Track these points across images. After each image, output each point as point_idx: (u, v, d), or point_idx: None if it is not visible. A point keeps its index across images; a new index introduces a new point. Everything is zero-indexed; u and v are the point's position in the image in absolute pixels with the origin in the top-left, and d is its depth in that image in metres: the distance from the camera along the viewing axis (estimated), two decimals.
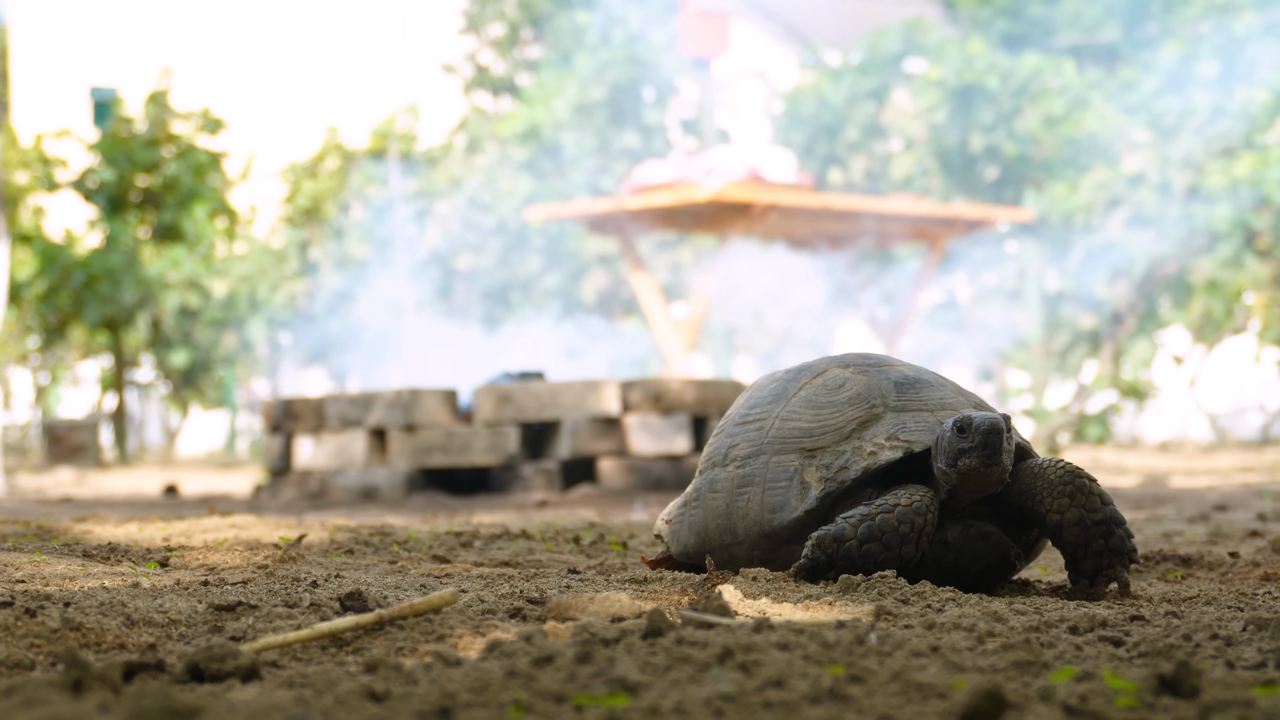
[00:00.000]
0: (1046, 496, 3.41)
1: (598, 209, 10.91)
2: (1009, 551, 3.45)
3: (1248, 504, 7.42)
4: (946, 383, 3.66)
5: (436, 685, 2.02)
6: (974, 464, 3.32)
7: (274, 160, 22.86)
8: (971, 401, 3.61)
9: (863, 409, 3.52)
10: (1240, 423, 21.31)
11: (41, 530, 4.92)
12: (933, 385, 3.61)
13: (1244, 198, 15.09)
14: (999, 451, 3.31)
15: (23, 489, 11.45)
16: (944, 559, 3.41)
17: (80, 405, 24.27)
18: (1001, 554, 3.45)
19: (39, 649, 2.47)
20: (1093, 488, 3.40)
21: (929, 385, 3.60)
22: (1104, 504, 3.40)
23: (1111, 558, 3.40)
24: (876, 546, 3.30)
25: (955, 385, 3.67)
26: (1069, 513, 3.39)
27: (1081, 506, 3.38)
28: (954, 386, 3.65)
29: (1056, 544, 3.43)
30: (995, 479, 3.37)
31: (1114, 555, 3.40)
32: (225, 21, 29.59)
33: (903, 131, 17.67)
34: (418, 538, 4.86)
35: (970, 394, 3.68)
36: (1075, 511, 3.38)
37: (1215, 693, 1.95)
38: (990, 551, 3.43)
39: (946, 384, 3.65)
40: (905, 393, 3.56)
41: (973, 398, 3.65)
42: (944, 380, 3.67)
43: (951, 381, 3.69)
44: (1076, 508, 3.39)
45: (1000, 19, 21.49)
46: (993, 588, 3.53)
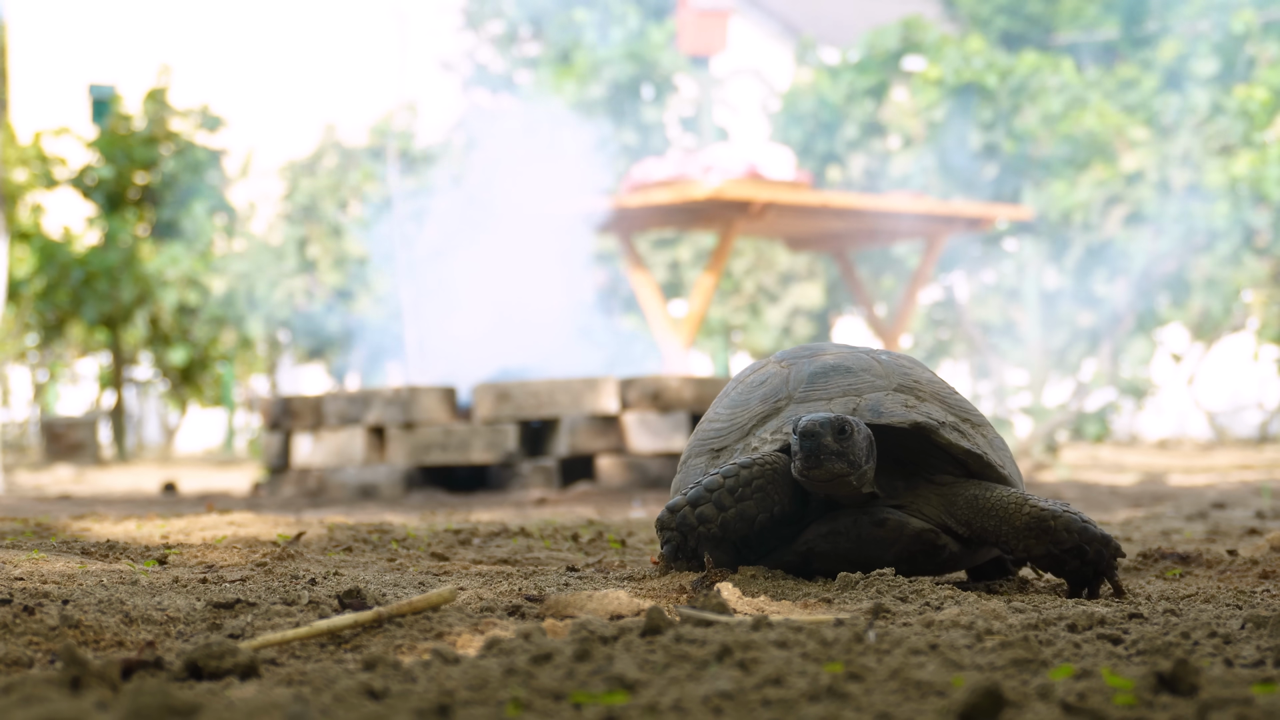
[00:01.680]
0: (1011, 538, 3.36)
1: (596, 207, 10.90)
2: (933, 539, 3.36)
3: (1246, 502, 7.42)
4: (881, 367, 3.51)
5: (435, 683, 2.02)
6: (799, 466, 3.25)
7: (272, 157, 22.85)
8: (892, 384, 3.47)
9: (769, 404, 3.50)
10: (1239, 420, 21.32)
11: (40, 528, 4.92)
12: (852, 372, 3.49)
13: (1243, 196, 15.09)
14: (816, 456, 3.20)
15: (21, 486, 11.44)
16: (839, 546, 3.34)
17: (79, 403, 24.26)
18: (925, 543, 3.36)
19: (37, 646, 2.47)
20: (1057, 525, 3.31)
21: (845, 373, 3.48)
22: (1071, 532, 3.31)
23: (1089, 572, 3.35)
24: (710, 509, 3.30)
25: (897, 370, 3.53)
26: (1036, 549, 3.34)
27: (1048, 543, 3.33)
28: (887, 371, 3.50)
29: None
30: (844, 485, 3.27)
31: (1092, 569, 3.34)
32: (224, 19, 29.59)
33: (901, 129, 17.66)
34: (416, 535, 4.86)
35: (917, 381, 3.52)
36: (1042, 548, 3.33)
37: (1214, 690, 1.95)
38: (893, 539, 3.33)
39: (879, 368, 3.50)
40: (815, 383, 3.48)
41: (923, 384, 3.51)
42: (882, 365, 3.52)
43: (903, 366, 3.54)
44: (1042, 545, 3.33)
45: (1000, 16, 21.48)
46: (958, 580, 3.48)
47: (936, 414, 3.43)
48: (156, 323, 19.03)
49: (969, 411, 3.53)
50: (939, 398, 3.50)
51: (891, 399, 3.43)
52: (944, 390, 3.54)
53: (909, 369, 3.55)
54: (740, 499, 3.32)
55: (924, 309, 18.73)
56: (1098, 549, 3.33)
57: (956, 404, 3.52)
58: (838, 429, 3.21)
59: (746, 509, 3.31)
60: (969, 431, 3.46)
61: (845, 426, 3.22)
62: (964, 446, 3.40)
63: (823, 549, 3.36)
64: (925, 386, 3.51)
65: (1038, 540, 3.32)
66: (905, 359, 3.61)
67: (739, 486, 3.32)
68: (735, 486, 3.33)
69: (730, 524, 3.32)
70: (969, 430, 3.47)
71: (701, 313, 10.88)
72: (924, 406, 3.45)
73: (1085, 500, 8.02)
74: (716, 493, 3.34)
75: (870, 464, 3.30)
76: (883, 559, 3.35)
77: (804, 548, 3.38)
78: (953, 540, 3.39)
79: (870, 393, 3.44)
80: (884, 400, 3.43)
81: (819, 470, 3.22)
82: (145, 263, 18.50)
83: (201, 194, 19.16)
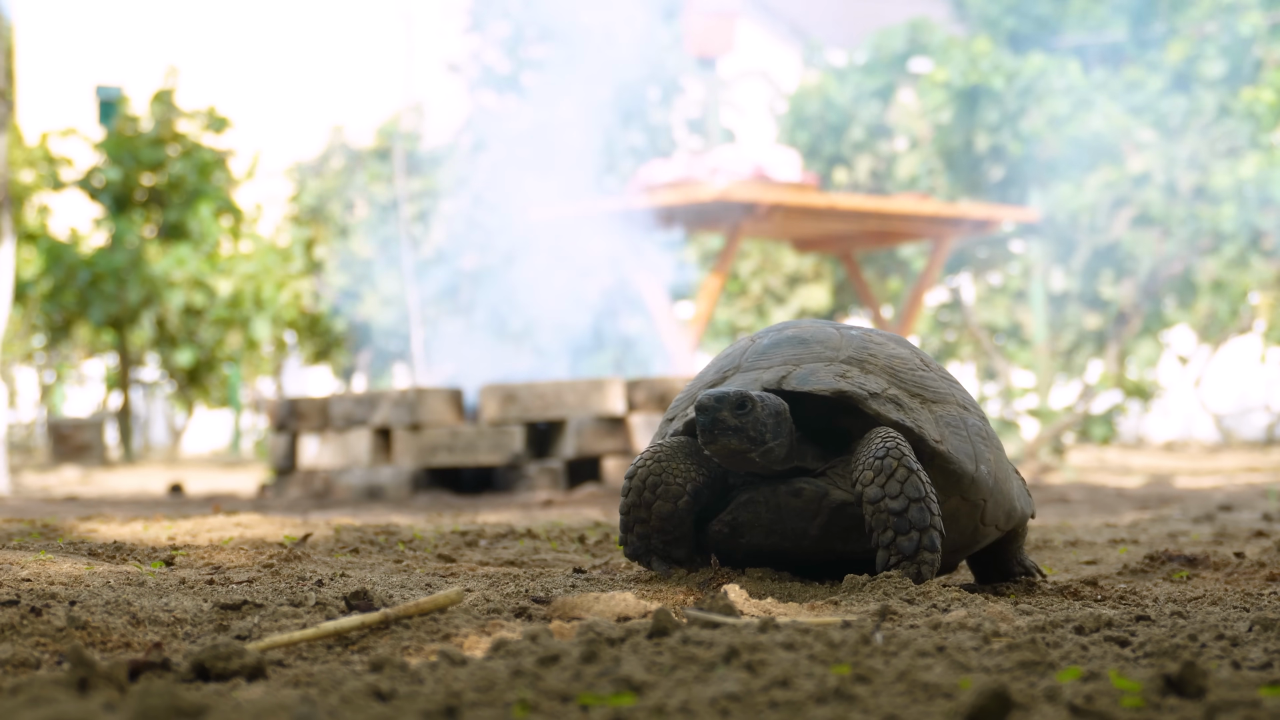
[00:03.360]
0: (860, 463, 3.21)
1: (603, 208, 10.91)
2: (859, 513, 3.23)
3: (1253, 504, 7.41)
4: (840, 339, 3.40)
5: (442, 684, 2.02)
6: (700, 441, 3.21)
7: (279, 159, 22.87)
8: (841, 356, 3.35)
9: (719, 375, 3.46)
10: (1245, 423, 21.30)
11: (47, 529, 4.92)
12: (805, 343, 3.40)
13: (1250, 198, 15.07)
14: (711, 431, 3.14)
15: (28, 488, 11.45)
16: (760, 517, 3.28)
17: (85, 404, 24.29)
18: (850, 516, 3.24)
19: (45, 648, 2.47)
20: (900, 473, 3.15)
21: (798, 344, 3.40)
22: (907, 495, 3.14)
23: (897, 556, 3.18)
24: (640, 529, 3.32)
25: (855, 343, 3.40)
26: (870, 488, 3.18)
27: (883, 486, 3.16)
28: (842, 344, 3.39)
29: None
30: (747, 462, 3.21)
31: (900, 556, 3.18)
32: (230, 20, 29.60)
33: (908, 131, 17.66)
34: (423, 537, 4.86)
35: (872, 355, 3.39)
36: (875, 490, 3.17)
37: (1221, 693, 1.94)
38: (813, 511, 3.25)
39: (836, 340, 3.40)
40: (765, 354, 3.41)
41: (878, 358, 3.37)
42: (841, 337, 3.41)
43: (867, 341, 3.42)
44: (877, 486, 3.16)
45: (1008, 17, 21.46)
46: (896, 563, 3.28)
47: (872, 385, 3.30)
48: (163, 324, 19.04)
49: (930, 389, 3.38)
50: (891, 371, 3.37)
51: (829, 369, 3.33)
52: (907, 366, 3.40)
53: (870, 344, 3.43)
54: (648, 504, 3.32)
55: (930, 311, 18.73)
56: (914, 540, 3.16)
57: (915, 380, 3.38)
58: (736, 403, 3.15)
59: (660, 509, 3.31)
60: (910, 405, 3.32)
61: (745, 401, 3.16)
62: (892, 418, 3.26)
63: (744, 519, 3.29)
64: (879, 360, 3.38)
65: (875, 475, 3.18)
66: (882, 336, 3.49)
67: (640, 494, 3.33)
68: (637, 498, 3.33)
69: (663, 527, 3.32)
70: (912, 405, 3.32)
71: (708, 314, 10.88)
72: (862, 378, 3.32)
73: (1092, 502, 8.01)
74: (631, 512, 3.35)
75: (779, 440, 3.21)
76: (807, 531, 3.27)
77: (729, 517, 3.32)
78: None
79: (811, 363, 3.35)
80: (818, 370, 3.32)
81: (715, 445, 3.17)
82: (152, 264, 18.52)
83: (208, 195, 19.17)
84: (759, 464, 3.23)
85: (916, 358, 3.47)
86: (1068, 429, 12.82)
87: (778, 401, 3.24)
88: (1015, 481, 3.53)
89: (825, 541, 3.29)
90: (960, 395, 3.47)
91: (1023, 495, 3.57)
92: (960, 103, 16.72)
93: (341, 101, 26.50)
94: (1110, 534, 5.44)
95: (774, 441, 3.20)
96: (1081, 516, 6.79)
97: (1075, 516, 6.81)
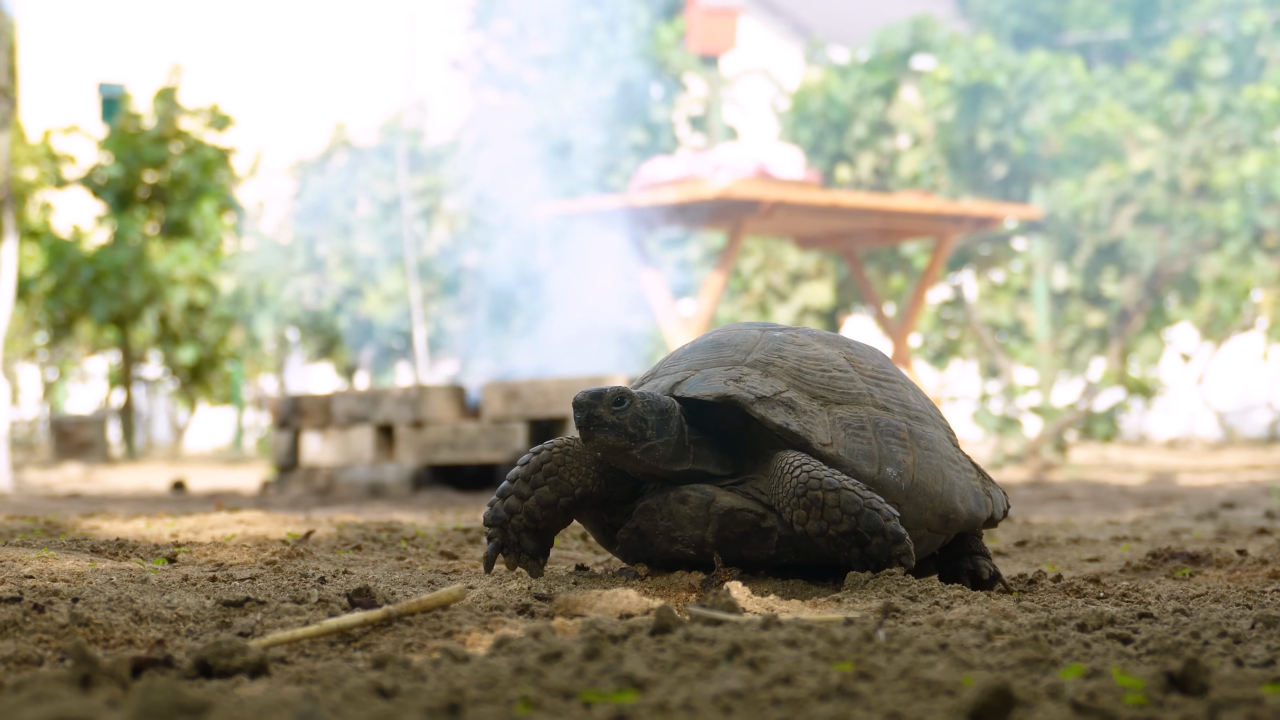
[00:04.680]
0: (786, 505, 3.18)
1: (605, 206, 10.91)
2: (752, 519, 3.22)
3: (1256, 502, 7.41)
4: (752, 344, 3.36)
5: (445, 681, 2.02)
6: (580, 435, 3.21)
7: (282, 156, 22.87)
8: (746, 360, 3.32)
9: (641, 380, 3.47)
10: (1248, 420, 21.30)
11: (49, 526, 4.92)
12: (720, 347, 3.37)
13: (1252, 195, 15.07)
14: (588, 428, 3.15)
15: (30, 485, 11.46)
16: (658, 524, 3.27)
17: (88, 401, 24.30)
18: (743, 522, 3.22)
19: (47, 645, 2.47)
20: (829, 499, 3.11)
21: (713, 348, 3.38)
22: (848, 514, 3.10)
23: (872, 566, 3.14)
24: (514, 499, 3.33)
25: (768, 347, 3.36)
26: (809, 525, 3.14)
27: (819, 519, 3.12)
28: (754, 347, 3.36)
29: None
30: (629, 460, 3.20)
31: (873, 564, 3.14)
32: (233, 18, 29.60)
33: (910, 129, 17.65)
34: (425, 534, 4.86)
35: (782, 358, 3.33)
36: (815, 524, 3.13)
37: (1224, 690, 1.94)
38: (703, 517, 3.23)
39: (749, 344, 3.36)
40: (681, 359, 3.42)
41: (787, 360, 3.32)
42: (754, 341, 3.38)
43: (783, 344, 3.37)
44: (815, 520, 3.13)
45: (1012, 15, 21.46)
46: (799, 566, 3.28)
47: (764, 389, 3.26)
48: (166, 321, 19.05)
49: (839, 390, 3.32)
50: (796, 373, 3.32)
51: (726, 373, 3.30)
52: (821, 367, 3.34)
53: (787, 345, 3.39)
54: (535, 485, 3.32)
55: (933, 308, 18.72)
56: (880, 545, 3.12)
57: (822, 381, 3.32)
58: (614, 399, 3.15)
59: (543, 494, 3.31)
60: (805, 409, 3.26)
61: (623, 397, 3.16)
62: (775, 422, 3.22)
63: (645, 526, 3.29)
64: (788, 363, 3.34)
65: (808, 513, 3.13)
66: (810, 336, 3.43)
67: (532, 473, 3.33)
68: (529, 474, 3.34)
69: (534, 512, 3.33)
70: (809, 408, 3.26)
71: (711, 312, 10.87)
72: (758, 381, 3.28)
73: (1095, 500, 8.01)
74: (516, 482, 3.35)
75: (663, 439, 3.20)
76: (704, 538, 3.25)
77: (633, 525, 3.32)
78: (783, 523, 3.24)
79: (714, 367, 3.33)
80: (714, 375, 3.30)
81: (593, 441, 3.17)
82: (154, 261, 18.53)
83: (211, 193, 19.18)
84: (643, 462, 3.22)
85: (842, 357, 3.40)
86: (1070, 426, 12.82)
87: (666, 400, 3.23)
88: (961, 482, 3.42)
89: (728, 549, 3.26)
90: (886, 396, 3.38)
91: (976, 496, 3.45)
92: (963, 100, 16.71)
93: (344, 98, 26.50)
94: (1113, 531, 5.44)
95: (657, 439, 3.20)
96: (1084, 514, 6.79)
97: (1078, 514, 6.81)
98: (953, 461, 3.42)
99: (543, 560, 3.42)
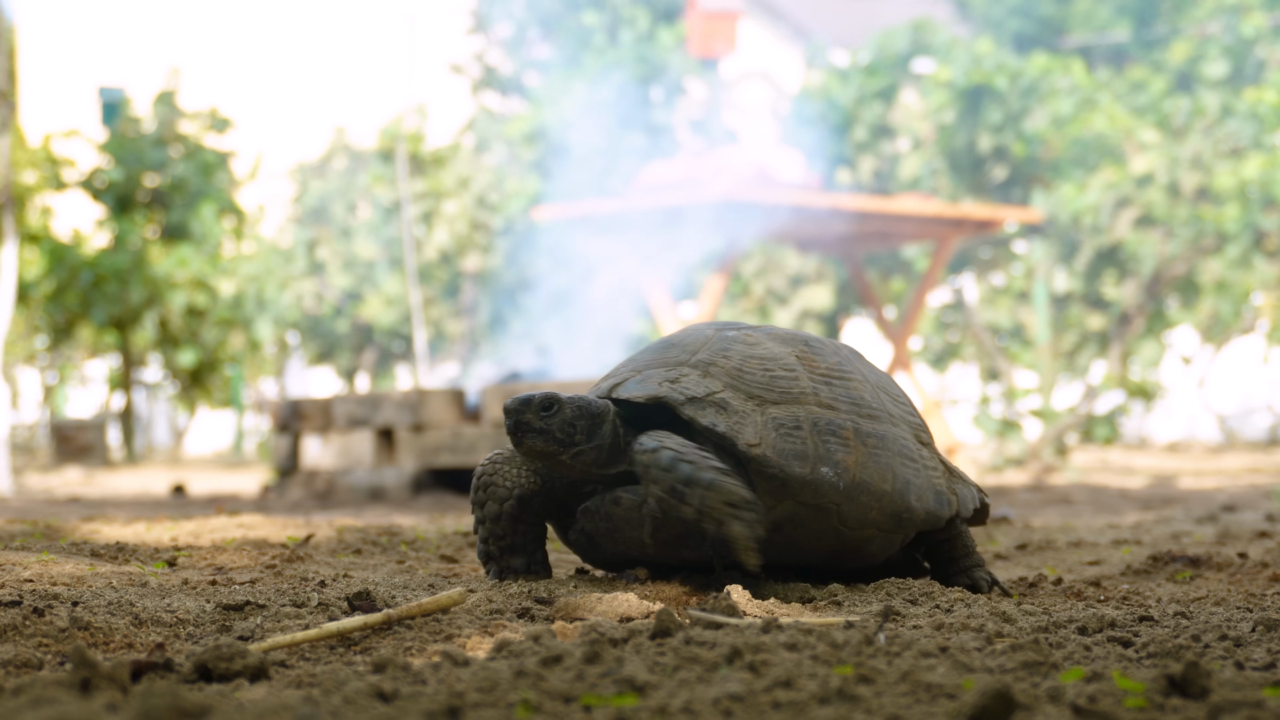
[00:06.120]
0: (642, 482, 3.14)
1: (606, 209, 10.91)
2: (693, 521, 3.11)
3: (1256, 505, 7.41)
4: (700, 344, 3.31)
5: (445, 685, 2.02)
6: (511, 441, 3.20)
7: (282, 160, 22.89)
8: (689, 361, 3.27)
9: (606, 374, 3.46)
10: (1248, 423, 21.30)
11: (49, 530, 4.92)
12: (671, 347, 3.34)
13: (1253, 198, 15.07)
14: (517, 433, 3.14)
15: (30, 488, 11.46)
16: (598, 526, 3.26)
17: (88, 405, 24.30)
18: (679, 522, 3.13)
19: (47, 648, 2.47)
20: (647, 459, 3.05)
21: (664, 348, 3.35)
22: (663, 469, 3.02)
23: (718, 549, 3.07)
24: (477, 510, 3.35)
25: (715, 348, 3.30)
26: (651, 495, 3.09)
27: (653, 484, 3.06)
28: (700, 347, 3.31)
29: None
30: (560, 464, 3.19)
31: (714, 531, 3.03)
32: (233, 21, 29.62)
33: (911, 132, 17.66)
34: (425, 537, 4.86)
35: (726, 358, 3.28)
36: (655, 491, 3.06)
37: (1224, 693, 1.94)
38: (636, 519, 3.19)
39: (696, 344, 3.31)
40: (631, 360, 3.39)
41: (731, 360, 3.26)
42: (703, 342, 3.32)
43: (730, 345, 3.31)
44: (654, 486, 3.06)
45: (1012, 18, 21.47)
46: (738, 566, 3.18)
47: (698, 389, 3.21)
48: (166, 325, 19.05)
49: (779, 390, 3.24)
50: (737, 373, 3.25)
51: (664, 374, 3.27)
52: (765, 367, 3.27)
53: (735, 344, 3.32)
54: (480, 504, 3.36)
55: (933, 311, 18.73)
56: (700, 495, 3.00)
57: (763, 381, 3.25)
58: (541, 405, 3.15)
59: (489, 509, 3.35)
60: (739, 409, 3.20)
61: (550, 403, 3.16)
62: (703, 423, 3.16)
63: (589, 528, 3.29)
64: (731, 362, 3.27)
65: (643, 477, 3.07)
66: (763, 335, 3.37)
67: (474, 494, 3.37)
68: (472, 495, 3.38)
69: (494, 530, 3.36)
70: (744, 408, 3.20)
71: (711, 315, 10.88)
72: (694, 382, 3.24)
73: (1095, 503, 8.01)
74: (473, 508, 3.39)
75: (594, 443, 3.19)
76: (644, 540, 3.23)
77: (579, 526, 3.31)
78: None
79: (655, 368, 3.30)
80: (652, 375, 3.27)
81: (522, 447, 3.16)
82: (154, 265, 18.53)
83: (211, 196, 19.18)
84: (574, 467, 3.21)
85: (793, 356, 3.33)
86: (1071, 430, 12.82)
87: (600, 404, 3.23)
88: (919, 481, 3.33)
89: (668, 550, 3.23)
90: (834, 394, 3.30)
91: (936, 495, 3.36)
92: (963, 103, 16.72)
93: (344, 102, 26.52)
94: (1113, 535, 5.44)
95: (587, 444, 3.19)
96: (1084, 517, 6.79)
97: (1078, 517, 6.81)
98: (909, 460, 3.35)
99: (541, 570, 3.43)
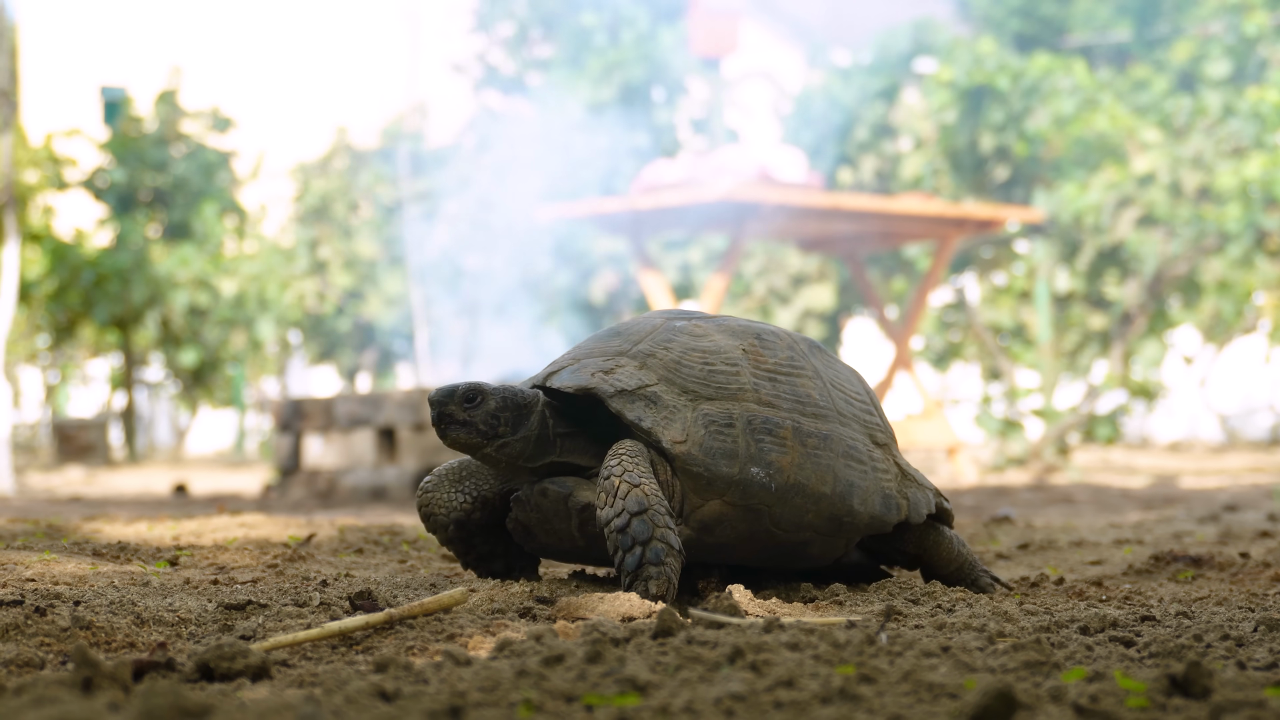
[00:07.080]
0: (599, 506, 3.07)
1: (607, 208, 10.91)
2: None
3: (1258, 504, 7.41)
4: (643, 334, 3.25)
5: (447, 684, 2.02)
6: (436, 432, 3.18)
7: (283, 159, 22.89)
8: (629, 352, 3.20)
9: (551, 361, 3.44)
10: (1250, 423, 21.28)
11: (51, 529, 4.92)
12: (617, 336, 3.27)
13: (1255, 198, 15.06)
14: (441, 425, 3.10)
15: (32, 488, 11.46)
16: (530, 517, 3.21)
17: (89, 404, 24.29)
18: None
19: (49, 648, 2.47)
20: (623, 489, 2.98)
21: (610, 337, 3.28)
22: (631, 513, 2.95)
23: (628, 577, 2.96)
24: (421, 508, 3.35)
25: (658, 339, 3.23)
26: (603, 511, 3.01)
27: (611, 507, 2.99)
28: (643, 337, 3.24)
29: None
30: (485, 457, 3.14)
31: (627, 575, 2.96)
32: (235, 21, 29.62)
33: (912, 131, 17.65)
34: (427, 537, 4.86)
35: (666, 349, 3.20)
36: (607, 511, 2.99)
37: (1226, 693, 1.94)
38: (563, 511, 3.14)
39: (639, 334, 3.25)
40: (576, 348, 3.34)
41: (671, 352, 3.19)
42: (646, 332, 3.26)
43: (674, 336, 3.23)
44: (609, 508, 2.99)
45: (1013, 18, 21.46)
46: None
47: (630, 381, 3.14)
48: (167, 324, 19.05)
49: (715, 385, 3.16)
50: (674, 366, 3.17)
51: (599, 364, 3.19)
52: (706, 360, 3.19)
53: (679, 336, 3.25)
54: (438, 489, 3.36)
55: (935, 311, 18.72)
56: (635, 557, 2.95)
57: (701, 375, 3.17)
58: (465, 397, 3.10)
59: (434, 521, 3.37)
60: (669, 404, 3.12)
61: (474, 394, 3.11)
62: (629, 417, 3.09)
63: (522, 518, 3.24)
64: (672, 354, 3.20)
65: (604, 498, 3.03)
66: (711, 326, 3.29)
67: (421, 515, 3.39)
68: (420, 515, 3.40)
69: (438, 537, 3.38)
70: (675, 403, 3.12)
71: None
72: (629, 374, 3.16)
73: (1097, 503, 8.01)
74: (422, 520, 3.41)
75: (519, 435, 3.13)
76: (572, 533, 3.17)
77: (514, 516, 3.26)
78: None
79: (594, 358, 3.22)
80: (587, 365, 3.19)
81: (447, 439, 3.12)
82: (156, 264, 18.53)
83: (212, 196, 19.19)
84: (499, 459, 3.16)
85: (740, 350, 3.24)
86: (1072, 429, 12.81)
87: (528, 394, 3.17)
88: (865, 483, 3.24)
89: (596, 545, 3.16)
90: (777, 391, 3.21)
91: (884, 498, 3.26)
92: (965, 103, 16.71)
93: (346, 102, 26.51)
94: (1115, 534, 5.44)
95: (511, 436, 3.13)
96: (1086, 517, 6.79)
97: (1080, 517, 6.81)
98: (856, 461, 3.25)
99: (527, 568, 3.43)
